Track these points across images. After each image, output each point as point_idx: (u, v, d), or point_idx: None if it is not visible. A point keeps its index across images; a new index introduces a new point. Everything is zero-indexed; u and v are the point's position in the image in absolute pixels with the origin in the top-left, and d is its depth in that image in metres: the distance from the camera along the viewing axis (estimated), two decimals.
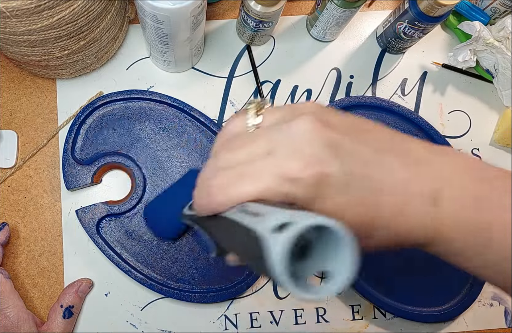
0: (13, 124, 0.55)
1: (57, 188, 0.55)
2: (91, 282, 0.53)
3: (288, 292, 0.21)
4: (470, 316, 0.56)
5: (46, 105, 0.56)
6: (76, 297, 0.51)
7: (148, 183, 0.54)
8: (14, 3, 0.38)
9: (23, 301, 0.49)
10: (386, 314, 0.55)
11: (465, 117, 0.60)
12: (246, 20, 0.53)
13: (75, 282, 0.52)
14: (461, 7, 0.58)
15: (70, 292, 0.51)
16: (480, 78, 0.61)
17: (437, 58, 0.61)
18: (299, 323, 0.55)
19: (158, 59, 0.54)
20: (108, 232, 0.52)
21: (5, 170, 0.55)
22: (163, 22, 0.44)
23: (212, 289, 0.52)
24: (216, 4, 0.60)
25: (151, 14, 0.43)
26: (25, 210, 0.54)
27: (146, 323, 0.53)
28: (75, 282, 0.52)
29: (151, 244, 0.53)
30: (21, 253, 0.53)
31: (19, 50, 0.46)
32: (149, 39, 0.50)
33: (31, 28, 0.42)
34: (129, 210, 0.53)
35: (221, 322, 0.54)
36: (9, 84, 0.56)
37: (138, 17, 0.47)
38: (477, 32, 0.54)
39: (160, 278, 0.52)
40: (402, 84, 0.60)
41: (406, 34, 0.55)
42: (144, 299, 0.53)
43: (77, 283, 0.52)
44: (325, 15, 0.54)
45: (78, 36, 0.47)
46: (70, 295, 0.50)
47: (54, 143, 0.56)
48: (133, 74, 0.58)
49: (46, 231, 0.54)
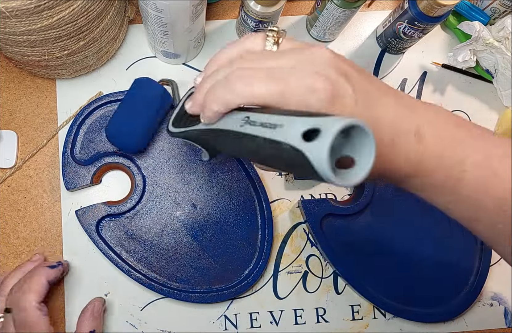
0: (13, 124, 0.55)
1: (57, 188, 0.55)
2: (103, 299, 0.50)
3: (328, 181, 0.25)
4: (470, 316, 0.56)
5: (45, 105, 0.56)
6: (94, 320, 0.48)
7: (147, 184, 0.54)
8: (13, 3, 0.38)
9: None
10: (386, 314, 0.55)
11: (465, 117, 0.60)
12: (246, 20, 0.53)
13: (88, 305, 0.49)
14: (461, 7, 0.58)
15: (87, 318, 0.48)
16: (480, 78, 0.61)
17: (437, 58, 0.61)
18: (299, 323, 0.55)
19: (158, 50, 0.55)
20: (107, 232, 0.52)
21: (5, 170, 0.55)
22: (163, 10, 0.44)
23: (212, 289, 0.52)
24: (216, 4, 0.60)
25: (151, 2, 0.43)
26: (25, 210, 0.54)
27: (146, 324, 0.53)
28: (87, 306, 0.49)
29: (150, 244, 0.53)
30: (21, 253, 0.53)
31: (19, 50, 0.46)
32: (149, 29, 0.50)
33: (31, 28, 0.42)
34: (128, 211, 0.53)
35: (221, 322, 0.54)
36: (9, 84, 0.56)
37: (139, 7, 0.47)
38: (477, 32, 0.54)
39: (160, 278, 0.52)
40: (402, 84, 0.60)
41: (405, 34, 0.55)
42: (144, 299, 0.53)
43: (90, 307, 0.49)
44: (324, 15, 0.54)
45: (77, 36, 0.47)
46: (88, 320, 0.47)
47: (54, 143, 0.56)
48: (133, 74, 0.58)
49: (46, 231, 0.54)
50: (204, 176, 0.54)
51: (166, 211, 0.53)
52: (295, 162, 0.25)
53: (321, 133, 0.23)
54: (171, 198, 0.54)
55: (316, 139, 0.23)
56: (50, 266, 0.48)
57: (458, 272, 0.55)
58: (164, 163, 0.54)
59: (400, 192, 0.55)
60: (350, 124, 0.23)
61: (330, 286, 0.55)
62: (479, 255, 0.55)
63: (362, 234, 0.55)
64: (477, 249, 0.55)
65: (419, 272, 0.54)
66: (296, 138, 0.24)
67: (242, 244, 0.54)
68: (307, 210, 0.54)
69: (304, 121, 0.25)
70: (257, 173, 0.54)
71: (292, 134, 0.24)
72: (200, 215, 0.54)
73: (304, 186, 0.57)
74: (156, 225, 0.53)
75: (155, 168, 0.54)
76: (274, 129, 0.26)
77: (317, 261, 0.56)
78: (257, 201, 0.54)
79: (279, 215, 0.56)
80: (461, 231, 0.55)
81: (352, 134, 0.26)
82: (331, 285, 0.55)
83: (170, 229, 0.53)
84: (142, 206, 0.53)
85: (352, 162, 0.26)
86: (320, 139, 0.23)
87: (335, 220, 0.54)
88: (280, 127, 0.25)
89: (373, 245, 0.55)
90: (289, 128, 0.25)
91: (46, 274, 0.47)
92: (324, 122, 0.24)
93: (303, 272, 0.55)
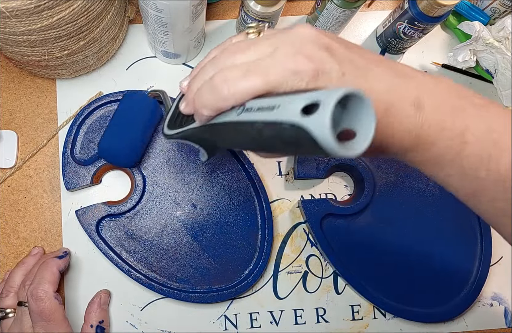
0: (13, 124, 0.55)
1: (57, 188, 0.55)
2: (109, 291, 0.52)
3: (333, 154, 0.24)
4: (470, 316, 0.56)
5: (46, 105, 0.56)
6: (102, 311, 0.50)
7: (147, 183, 0.54)
8: (13, 3, 0.38)
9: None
10: (386, 314, 0.55)
11: None
12: (246, 20, 0.53)
13: (94, 297, 0.51)
14: (461, 7, 0.58)
15: (94, 309, 0.50)
16: (480, 78, 0.61)
17: (437, 58, 0.61)
18: (299, 323, 0.55)
19: (158, 49, 0.54)
20: (107, 232, 0.52)
21: (5, 170, 0.55)
22: (163, 10, 0.44)
23: (212, 289, 0.52)
24: (216, 4, 0.60)
25: (151, 2, 0.43)
26: (25, 210, 0.54)
27: (146, 323, 0.53)
28: (94, 298, 0.51)
29: (150, 244, 0.53)
30: (21, 253, 0.53)
31: (19, 50, 0.46)
32: (149, 29, 0.50)
33: (31, 28, 0.42)
34: (128, 211, 0.53)
35: (221, 322, 0.54)
36: (9, 84, 0.56)
37: (139, 7, 0.47)
38: (477, 32, 0.54)
39: (160, 278, 0.52)
40: None
41: (405, 34, 0.55)
42: (144, 299, 0.53)
43: (96, 299, 0.51)
44: (324, 15, 0.54)
45: (78, 36, 0.47)
46: (95, 312, 0.50)
47: (54, 143, 0.56)
48: (133, 74, 0.58)
49: (46, 231, 0.54)
50: (204, 176, 0.54)
51: (166, 211, 0.53)
52: (298, 141, 0.25)
53: (320, 106, 0.23)
54: (171, 198, 0.54)
55: (316, 112, 0.23)
56: (58, 257, 0.49)
57: (458, 272, 0.55)
58: (164, 163, 0.54)
59: (400, 192, 0.55)
60: (347, 93, 0.24)
61: (330, 286, 0.55)
62: (479, 255, 0.55)
63: (362, 234, 0.55)
64: (477, 249, 0.55)
65: (419, 272, 0.54)
66: (295, 115, 0.24)
67: (242, 244, 0.54)
68: (307, 210, 0.54)
69: (300, 98, 0.25)
70: (257, 173, 0.54)
71: (290, 112, 0.24)
72: (200, 215, 0.54)
73: (304, 186, 0.57)
74: (156, 225, 0.53)
75: (155, 168, 0.54)
76: (272, 111, 0.26)
77: (317, 261, 0.56)
78: (257, 201, 0.54)
79: (279, 215, 0.56)
80: (461, 231, 0.55)
81: (349, 107, 0.26)
82: (331, 285, 0.55)
83: (170, 229, 0.53)
84: (142, 206, 0.53)
85: (353, 134, 0.26)
86: (320, 111, 0.23)
87: (335, 220, 0.54)
88: (277, 108, 0.25)
89: (373, 245, 0.55)
90: (287, 106, 0.25)
91: (57, 265, 0.48)
92: (321, 95, 0.24)
93: (303, 272, 0.55)
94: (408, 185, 0.56)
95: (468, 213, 0.56)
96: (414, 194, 0.56)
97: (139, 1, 0.46)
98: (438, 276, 0.54)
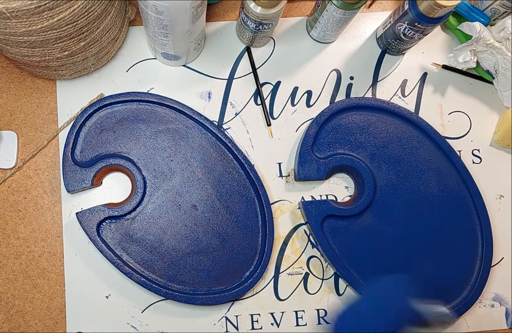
0: (13, 125, 0.55)
1: (57, 189, 0.54)
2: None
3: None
4: (471, 317, 0.56)
5: (46, 106, 0.56)
6: None
7: (148, 185, 0.54)
8: (14, 4, 0.38)
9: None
10: None
11: (465, 118, 0.60)
12: (246, 21, 0.53)
13: None
14: (461, 8, 0.58)
15: None
16: (480, 79, 0.61)
17: (437, 59, 0.61)
18: (300, 325, 0.54)
19: (158, 51, 0.54)
20: (108, 234, 0.52)
21: (5, 171, 0.54)
22: (163, 12, 0.44)
23: (213, 291, 0.52)
24: (216, 5, 0.60)
25: (152, 4, 0.43)
26: (25, 210, 0.54)
27: (147, 325, 0.53)
28: None
29: (151, 246, 0.53)
30: (21, 254, 0.53)
31: (19, 51, 0.46)
32: (149, 31, 0.50)
33: (31, 29, 0.42)
34: (129, 213, 0.53)
35: (222, 324, 0.54)
36: (9, 85, 0.56)
37: (139, 9, 0.47)
38: (477, 33, 0.54)
39: (161, 280, 0.52)
40: (402, 85, 0.60)
41: (406, 35, 0.55)
42: (145, 301, 0.53)
43: None
44: (325, 16, 0.54)
45: (78, 37, 0.47)
46: None
47: (54, 144, 0.55)
48: (133, 76, 0.58)
49: (46, 232, 0.54)
50: (204, 177, 0.54)
51: (167, 213, 0.53)
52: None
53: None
54: (172, 199, 0.54)
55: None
56: None
57: (459, 273, 0.55)
58: (164, 165, 0.54)
59: (401, 193, 0.55)
60: None
61: (331, 288, 0.55)
62: (480, 256, 0.55)
63: (363, 235, 0.55)
64: (478, 250, 0.55)
65: (420, 273, 0.54)
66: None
67: (242, 246, 0.53)
68: (307, 212, 0.53)
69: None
70: (257, 175, 0.54)
71: None
72: (201, 216, 0.54)
73: (304, 187, 0.57)
74: (157, 227, 0.53)
75: (156, 170, 0.54)
76: None
77: (318, 262, 0.56)
78: (258, 203, 0.54)
79: (280, 217, 0.56)
80: (462, 232, 0.55)
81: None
82: (332, 287, 0.55)
83: (171, 231, 0.53)
84: (143, 208, 0.53)
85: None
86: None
87: (336, 221, 0.54)
88: None
89: (374, 246, 0.54)
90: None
91: None
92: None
93: (304, 273, 0.55)
94: (409, 186, 0.56)
95: (469, 214, 0.56)
96: (414, 195, 0.56)
97: (139, 3, 0.46)
98: (439, 277, 0.54)
